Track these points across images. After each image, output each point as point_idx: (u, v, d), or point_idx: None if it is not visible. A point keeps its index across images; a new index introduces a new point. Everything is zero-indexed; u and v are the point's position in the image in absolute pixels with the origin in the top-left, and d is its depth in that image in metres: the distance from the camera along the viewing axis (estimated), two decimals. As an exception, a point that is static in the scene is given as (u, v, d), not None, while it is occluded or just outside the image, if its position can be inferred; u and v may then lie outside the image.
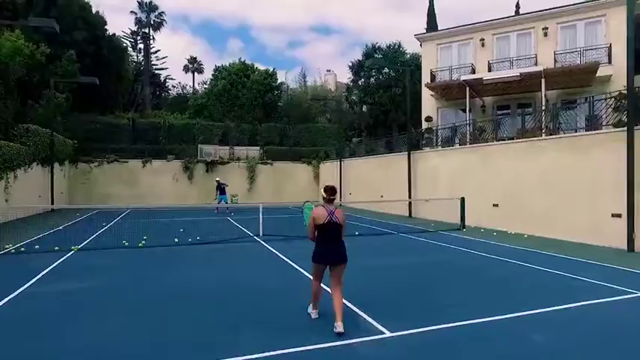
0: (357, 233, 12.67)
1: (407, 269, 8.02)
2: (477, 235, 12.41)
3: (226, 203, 20.72)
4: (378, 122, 30.66)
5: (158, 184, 26.89)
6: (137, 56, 50.89)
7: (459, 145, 16.87)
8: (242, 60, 33.78)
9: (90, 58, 32.27)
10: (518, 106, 19.63)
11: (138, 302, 5.81)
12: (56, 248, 9.72)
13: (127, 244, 10.45)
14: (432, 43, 22.16)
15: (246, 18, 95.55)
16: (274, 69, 34.35)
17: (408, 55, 30.27)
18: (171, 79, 54.14)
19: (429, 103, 22.17)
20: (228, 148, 29.26)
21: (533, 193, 12.51)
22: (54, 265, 8.14)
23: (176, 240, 11.09)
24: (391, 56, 28.91)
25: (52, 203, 20.39)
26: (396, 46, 29.88)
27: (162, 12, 50.43)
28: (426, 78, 21.73)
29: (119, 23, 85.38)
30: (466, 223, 13.99)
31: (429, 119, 21.78)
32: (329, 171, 28.32)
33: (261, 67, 34.51)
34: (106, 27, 36.54)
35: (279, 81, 35.11)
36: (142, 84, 46.08)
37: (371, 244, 11.09)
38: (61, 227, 14.11)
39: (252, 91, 32.24)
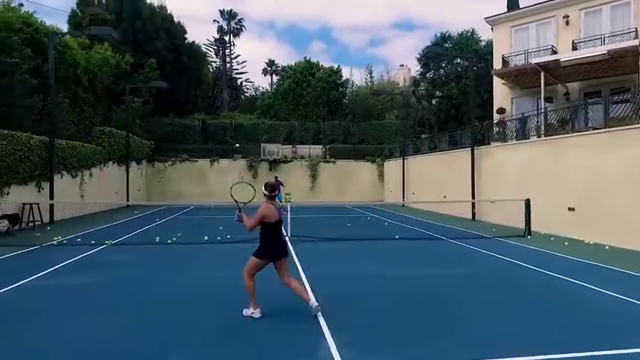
0: (396, 237, 11.53)
1: (426, 283, 6.79)
2: (544, 244, 10.47)
3: (280, 201, 20.62)
4: (449, 116, 28.40)
5: (225, 182, 27.81)
6: (219, 62, 53.84)
7: (532, 137, 14.60)
8: (307, 59, 33.76)
9: (170, 65, 34.73)
10: (611, 92, 16.50)
11: (126, 301, 5.64)
12: (92, 242, 10.22)
13: (158, 239, 10.64)
14: (504, 26, 19.72)
15: (327, 20, 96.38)
16: (339, 66, 33.91)
17: (484, 42, 27.54)
18: (250, 81, 56.44)
19: (501, 93, 19.77)
20: (291, 146, 29.40)
21: (617, 194, 10.20)
22: (76, 258, 8.46)
23: (206, 238, 11.03)
24: (463, 44, 26.54)
25: (127, 199, 22.18)
26: (469, 34, 27.36)
27: (242, 19, 52.96)
28: (497, 65, 19.39)
29: (204, 32, 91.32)
30: (533, 229, 11.97)
31: (501, 111, 19.40)
32: (393, 169, 26.95)
33: (326, 65, 34.18)
34: (185, 36, 39.17)
35: (343, 78, 34.47)
36: (220, 87, 48.73)
37: (406, 250, 9.92)
38: (117, 222, 15.05)
39: (316, 89, 32.04)
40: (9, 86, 15.52)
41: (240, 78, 55.48)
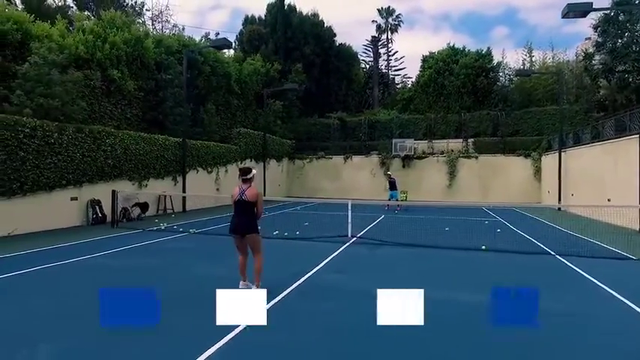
0: (482, 247, 9.27)
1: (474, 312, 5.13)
2: None
3: (396, 200, 19.36)
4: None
5: (358, 178, 27.95)
6: (377, 60, 54.21)
7: None
8: (451, 45, 30.73)
9: (318, 68, 36.81)
10: None
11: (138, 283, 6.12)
12: (180, 230, 11.53)
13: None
14: None
15: (511, 2, 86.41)
16: (489, 48, 29.61)
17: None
18: (408, 77, 55.10)
19: None
20: (426, 141, 27.33)
21: None
22: (150, 242, 9.68)
23: (275, 233, 11.11)
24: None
25: (265, 194, 24.47)
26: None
27: (399, 14, 52.53)
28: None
29: (362, 33, 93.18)
30: None
31: None
32: (551, 165, 22.08)
33: (472, 49, 30.38)
34: (335, 38, 40.90)
35: (494, 62, 30.01)
36: (372, 85, 49.10)
37: (486, 267, 7.84)
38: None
39: (460, 77, 28.85)
40: (163, 98, 18.98)
41: (398, 74, 54.64)
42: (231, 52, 35.73)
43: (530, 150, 24.91)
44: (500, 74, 31.69)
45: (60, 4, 24.40)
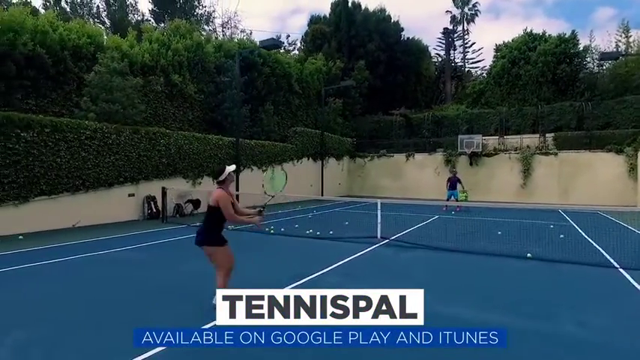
0: (528, 255, 8.12)
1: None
2: None
3: (456, 200, 18.06)
4: None
5: (421, 177, 26.69)
6: (453, 54, 51.54)
7: None
8: (528, 30, 27.84)
9: (384, 64, 35.93)
10: None
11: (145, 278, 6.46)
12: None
13: (271, 231, 11.26)
14: None
15: None
16: (574, 31, 26.27)
17: None
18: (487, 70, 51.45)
19: None
20: (497, 137, 25.15)
21: None
22: (184, 237, 10.08)
23: (308, 232, 10.93)
24: None
25: (322, 193, 24.43)
26: None
27: (477, 3, 49.50)
28: None
29: (435, 26, 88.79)
30: None
31: None
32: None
33: (554, 34, 27.20)
34: (402, 33, 39.59)
35: (580, 46, 26.54)
36: (444, 80, 46.70)
37: (514, 275, 6.88)
38: (280, 212, 16.79)
39: (537, 65, 26.06)
40: (222, 100, 19.86)
41: (476, 67, 51.31)
42: (296, 52, 36.59)
43: (623, 145, 21.65)
44: (588, 59, 27.95)
45: (139, 18, 26.89)
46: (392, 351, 3.56)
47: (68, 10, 26.31)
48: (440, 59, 49.30)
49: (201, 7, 29.69)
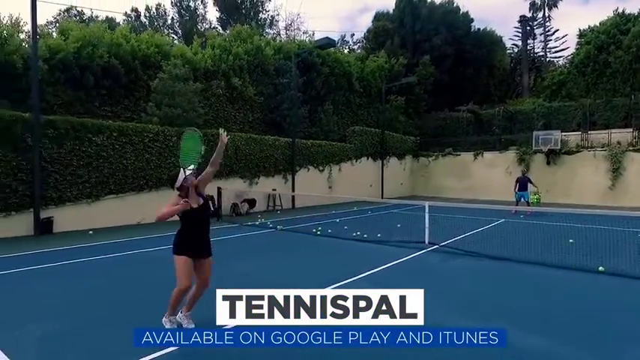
0: (600, 269, 7.01)
1: None
2: None
3: (527, 202, 16.48)
4: None
5: (489, 177, 24.87)
6: (532, 43, 47.59)
7: None
8: (618, 11, 24.58)
9: (451, 58, 34.20)
10: None
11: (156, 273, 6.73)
12: (270, 225, 12.00)
13: (317, 232, 11.14)
14: None
15: None
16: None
17: None
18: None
19: None
20: (579, 133, 22.57)
21: None
22: (233, 236, 10.33)
23: (355, 234, 10.59)
24: None
25: (382, 194, 23.83)
26: None
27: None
28: None
29: (510, 14, 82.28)
30: None
31: None
32: None
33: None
34: (472, 24, 37.34)
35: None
36: (521, 71, 43.24)
37: (577, 292, 5.98)
38: (332, 212, 16.54)
39: (631, 50, 22.93)
40: (281, 101, 20.19)
41: (559, 57, 46.82)
42: (359, 51, 36.13)
43: None
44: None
45: (207, 26, 28.39)
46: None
47: (146, 22, 28.64)
48: (516, 50, 45.69)
49: (264, 12, 30.60)
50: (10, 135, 10.26)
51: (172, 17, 29.35)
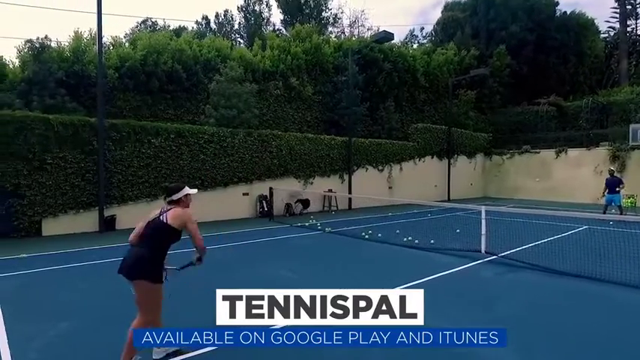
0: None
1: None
2: None
3: (618, 206, 14.21)
4: None
5: (574, 176, 22.10)
6: (634, 24, 41.87)
7: None
8: None
9: (532, 46, 31.15)
10: None
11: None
12: (319, 227, 11.66)
13: (366, 236, 10.57)
14: None
15: None
16: None
17: None
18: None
19: None
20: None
21: None
22: (282, 237, 10.16)
23: (406, 239, 9.81)
24: None
25: (448, 195, 22.33)
26: None
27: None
28: None
29: None
30: None
31: None
32: None
33: None
34: (557, 7, 33.68)
35: None
36: (618, 57, 38.10)
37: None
38: (383, 215, 15.70)
39: None
40: (340, 99, 19.77)
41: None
42: (427, 45, 34.38)
43: None
44: None
45: (271, 29, 28.91)
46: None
47: (215, 29, 30.02)
48: (613, 33, 40.37)
49: (327, 10, 30.40)
50: (78, 139, 11.12)
51: (239, 22, 30.41)
